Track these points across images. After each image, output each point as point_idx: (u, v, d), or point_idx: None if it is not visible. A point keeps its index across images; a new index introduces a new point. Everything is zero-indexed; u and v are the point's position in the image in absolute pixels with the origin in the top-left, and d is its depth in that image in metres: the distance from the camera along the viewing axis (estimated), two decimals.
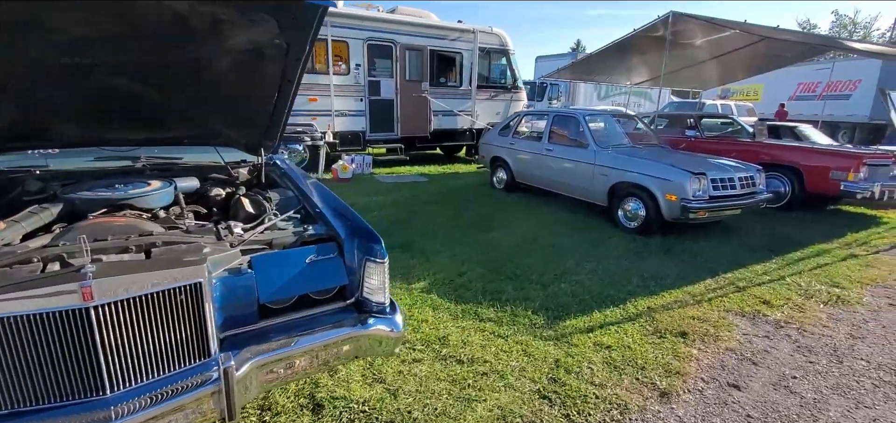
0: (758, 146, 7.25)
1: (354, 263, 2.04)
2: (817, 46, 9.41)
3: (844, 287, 3.93)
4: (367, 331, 1.96)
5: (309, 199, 2.57)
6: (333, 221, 2.20)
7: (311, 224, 2.27)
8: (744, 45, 9.28)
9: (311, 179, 2.98)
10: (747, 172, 5.18)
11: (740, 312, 3.43)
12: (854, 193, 6.14)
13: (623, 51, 9.68)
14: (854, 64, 23.42)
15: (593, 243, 4.96)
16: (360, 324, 1.96)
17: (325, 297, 2.05)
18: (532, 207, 6.48)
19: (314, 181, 2.87)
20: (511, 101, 10.78)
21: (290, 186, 2.91)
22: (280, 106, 2.59)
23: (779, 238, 5.29)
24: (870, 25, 38.68)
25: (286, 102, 2.57)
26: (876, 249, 5.07)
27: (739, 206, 5.00)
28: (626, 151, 5.60)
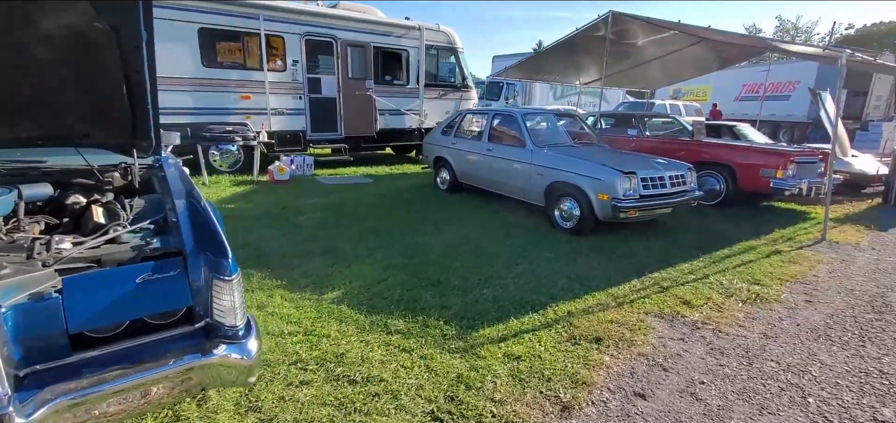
0: (695, 145, 7.37)
1: (201, 281, 1.78)
2: (750, 48, 9.69)
3: (765, 284, 3.95)
4: (210, 360, 1.70)
5: (178, 206, 2.27)
6: (186, 232, 1.92)
7: (163, 236, 1.98)
8: (685, 46, 9.46)
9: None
10: (678, 170, 5.19)
11: (660, 313, 3.36)
12: (783, 190, 6.31)
13: (571, 51, 9.70)
14: (792, 66, 24.65)
15: (527, 244, 4.83)
16: (201, 353, 1.70)
17: (167, 321, 1.78)
18: (473, 209, 6.33)
19: (192, 188, 2.56)
20: (461, 100, 10.62)
21: (168, 191, 2.60)
22: (139, 101, 2.28)
23: (709, 236, 5.34)
24: (810, 30, 41.04)
25: (145, 97, 2.26)
26: (799, 244, 5.18)
27: (670, 204, 5.00)
28: (562, 151, 5.52)
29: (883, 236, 5.66)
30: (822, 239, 5.36)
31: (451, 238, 4.97)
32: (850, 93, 21.75)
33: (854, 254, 4.90)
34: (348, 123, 8.96)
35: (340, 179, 8.18)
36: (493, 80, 18.37)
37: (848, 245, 5.20)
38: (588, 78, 12.44)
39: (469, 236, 5.04)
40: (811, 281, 4.09)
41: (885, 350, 2.94)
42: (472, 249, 4.64)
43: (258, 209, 5.90)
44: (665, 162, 5.36)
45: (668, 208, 5.07)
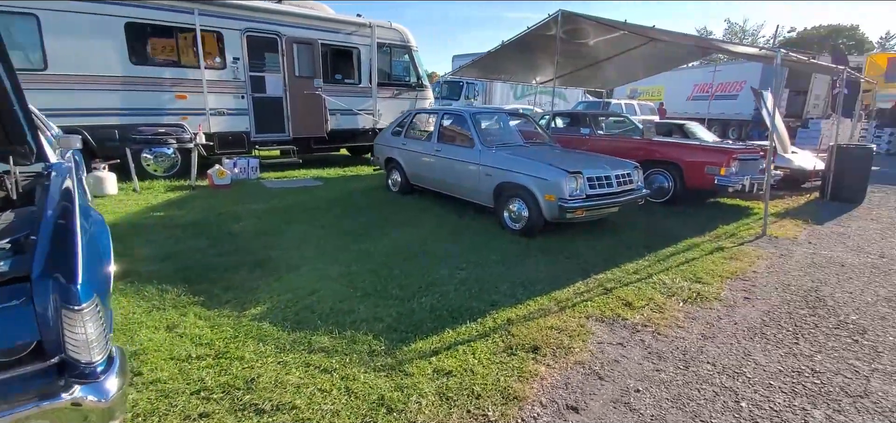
0: (644, 143, 7.45)
1: (50, 310, 1.50)
2: (695, 48, 9.91)
3: (706, 282, 3.94)
4: (55, 405, 1.43)
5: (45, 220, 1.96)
6: (40, 252, 1.63)
7: (16, 258, 1.68)
8: (635, 46, 9.61)
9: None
10: (624, 169, 5.17)
11: (601, 317, 3.27)
12: (727, 187, 6.43)
13: (526, 50, 9.68)
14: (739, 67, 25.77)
15: (474, 247, 4.68)
16: (45, 396, 1.43)
17: (12, 358, 1.49)
18: (423, 211, 6.14)
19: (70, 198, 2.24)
20: (416, 99, 10.41)
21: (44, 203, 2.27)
22: (3, 104, 1.98)
23: (657, 234, 5.35)
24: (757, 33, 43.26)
25: (8, 99, 1.96)
26: (741, 240, 5.27)
27: (617, 203, 4.96)
28: (510, 151, 5.41)
29: (819, 230, 5.84)
30: (763, 234, 5.48)
31: (396, 243, 4.76)
32: (792, 92, 22.95)
33: (792, 248, 5.02)
34: (296, 123, 8.58)
35: (287, 183, 7.80)
36: (448, 79, 18.23)
37: (787, 240, 5.32)
38: (545, 77, 12.49)
39: (415, 240, 4.85)
40: (750, 277, 4.12)
41: (817, 347, 2.94)
42: (417, 254, 4.45)
43: (190, 217, 5.49)
44: (612, 161, 5.33)
45: (615, 208, 5.04)
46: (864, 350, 2.90)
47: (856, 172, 7.55)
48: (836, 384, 2.56)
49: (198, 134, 7.27)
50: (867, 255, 4.83)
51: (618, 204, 4.98)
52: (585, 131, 8.11)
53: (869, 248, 5.08)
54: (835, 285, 3.96)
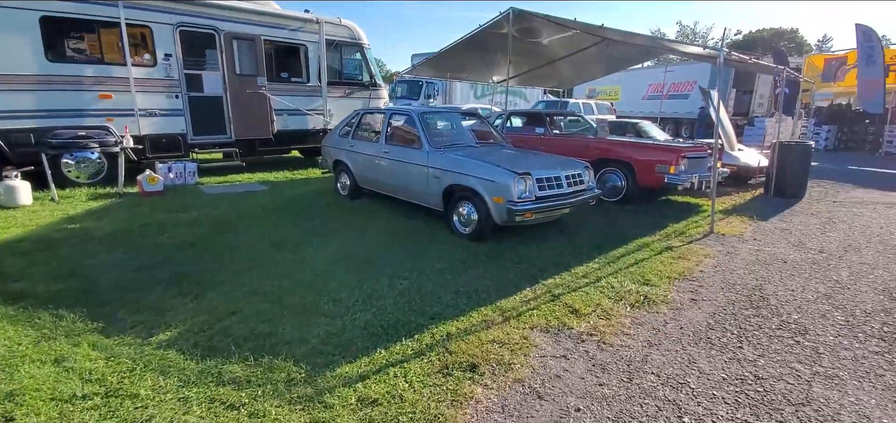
0: (597, 142, 7.43)
1: None
2: (643, 47, 10.01)
3: (654, 284, 3.86)
4: None
5: None
6: None
7: None
8: (589, 45, 9.63)
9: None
10: (575, 169, 5.07)
11: (546, 327, 3.10)
12: (676, 185, 6.48)
13: (481, 49, 9.55)
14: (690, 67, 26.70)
15: (420, 254, 4.45)
16: None
17: None
18: (372, 216, 5.85)
19: None
20: (369, 98, 10.08)
21: None
22: None
23: (608, 234, 5.28)
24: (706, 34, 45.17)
25: None
26: (690, 239, 5.27)
27: (568, 204, 4.85)
28: (459, 152, 5.20)
29: (764, 226, 5.95)
30: (711, 232, 5.51)
31: (337, 251, 4.46)
32: (739, 92, 24.00)
33: (738, 246, 5.05)
34: (239, 124, 8.08)
35: (229, 188, 7.33)
36: (407, 78, 17.95)
37: (733, 237, 5.37)
38: (502, 76, 12.41)
39: (360, 248, 4.57)
40: (697, 278, 4.08)
41: (760, 351, 2.87)
42: (359, 263, 4.17)
43: (110, 228, 5.00)
44: (562, 161, 5.22)
45: (566, 209, 4.92)
46: (806, 352, 2.86)
47: (797, 169, 7.80)
48: (778, 391, 2.48)
49: (124, 136, 6.70)
50: (808, 251, 4.91)
51: (569, 205, 4.86)
52: (540, 131, 8.04)
53: (809, 243, 5.18)
54: (778, 283, 3.97)
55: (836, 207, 7.14)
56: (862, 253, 4.81)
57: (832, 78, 17.67)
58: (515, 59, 11.05)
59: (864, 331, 3.14)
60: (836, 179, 9.99)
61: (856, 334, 3.09)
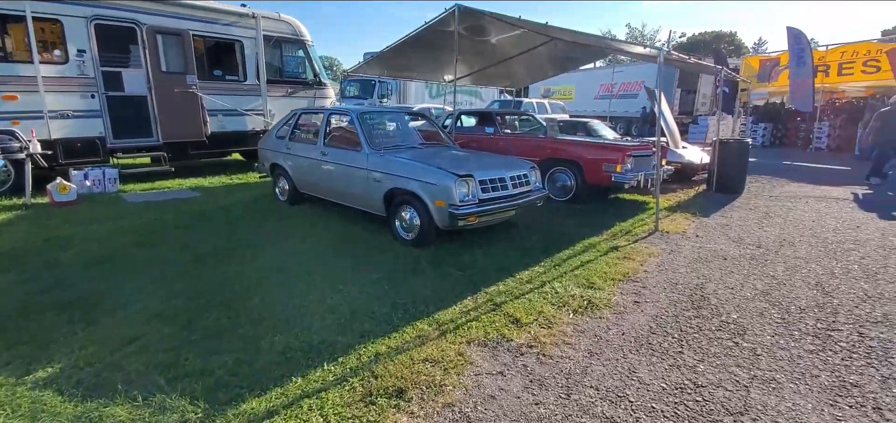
0: (546, 142, 7.37)
1: None
2: (586, 46, 10.07)
3: (598, 287, 3.76)
4: None
5: None
6: None
7: None
8: (538, 45, 9.61)
9: None
10: (520, 170, 4.93)
11: (484, 340, 2.90)
12: (623, 183, 6.50)
13: (430, 47, 9.33)
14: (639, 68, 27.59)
15: (358, 264, 4.16)
16: None
17: None
18: (312, 223, 5.50)
19: None
20: (314, 98, 9.64)
21: None
22: None
23: (555, 236, 5.18)
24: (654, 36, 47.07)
25: None
26: (635, 237, 5.25)
27: (513, 207, 4.69)
28: (400, 154, 4.95)
29: (706, 222, 6.04)
30: (655, 230, 5.53)
31: (268, 264, 4.11)
32: (684, 91, 25.02)
33: (681, 243, 5.07)
34: (166, 125, 7.46)
35: (155, 196, 6.74)
36: (353, 78, 17.50)
37: (676, 235, 5.40)
38: (452, 75, 12.23)
39: (293, 259, 4.23)
40: (641, 278, 4.01)
41: (700, 356, 2.79)
42: (290, 276, 3.84)
43: (9, 245, 4.42)
44: (508, 162, 5.07)
45: (511, 211, 4.76)
46: (745, 355, 2.80)
47: (736, 165, 8.06)
48: (717, 399, 2.38)
49: (31, 141, 6.00)
50: (746, 246, 4.99)
51: (515, 207, 4.71)
52: (490, 131, 7.90)
53: (748, 239, 5.28)
54: (718, 281, 3.96)
55: (773, 201, 7.40)
56: (796, 247, 4.93)
57: (767, 78, 18.68)
58: (465, 57, 10.95)
59: (799, 329, 3.13)
60: (772, 173, 10.46)
61: (791, 332, 3.08)
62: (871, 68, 15.46)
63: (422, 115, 6.73)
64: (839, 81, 16.64)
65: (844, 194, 7.92)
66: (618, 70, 29.09)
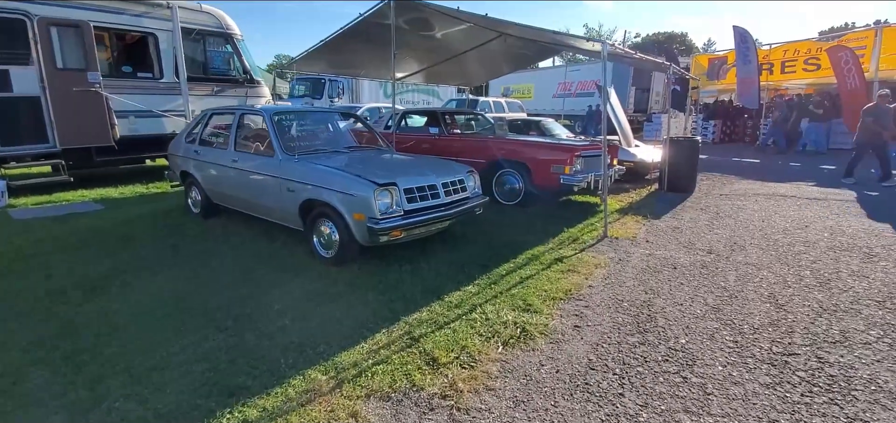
0: (492, 142, 6.93)
1: None
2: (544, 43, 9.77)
3: (535, 310, 3.29)
4: None
5: None
6: None
7: None
8: (488, 40, 9.17)
9: None
10: (455, 176, 4.43)
11: (388, 393, 2.36)
12: (571, 186, 6.13)
13: (373, 43, 8.73)
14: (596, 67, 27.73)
15: (261, 291, 3.54)
16: None
17: None
18: (224, 241, 4.82)
19: None
20: (246, 97, 8.85)
21: None
22: None
23: (498, 246, 4.71)
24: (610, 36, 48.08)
25: None
26: (583, 245, 4.86)
27: (447, 217, 4.17)
28: (318, 160, 4.34)
29: (657, 225, 5.74)
30: (604, 236, 5.16)
31: (148, 297, 3.42)
32: (638, 90, 25.38)
33: (630, 251, 4.71)
34: (64, 129, 6.53)
35: (49, 210, 5.83)
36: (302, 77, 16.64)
37: (626, 241, 5.04)
38: (402, 73, 11.66)
39: (188, 287, 3.56)
40: (585, 296, 3.59)
41: (643, 399, 2.35)
42: (169, 313, 3.18)
43: None
44: (442, 166, 4.56)
45: (445, 222, 4.24)
46: (694, 394, 2.38)
47: (686, 164, 7.88)
48: None
49: None
50: (697, 252, 4.68)
51: (448, 218, 4.19)
52: (435, 131, 7.38)
53: (699, 243, 4.98)
54: (667, 296, 3.58)
55: (723, 200, 7.24)
56: (747, 252, 4.66)
57: (716, 76, 19.09)
58: (415, 53, 10.39)
59: (753, 354, 2.76)
60: (722, 170, 10.45)
61: (745, 360, 2.70)
62: (812, 66, 15.98)
63: (353, 115, 6.12)
64: (783, 78, 17.16)
65: (791, 191, 7.88)
66: (574, 69, 29.27)
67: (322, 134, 5.22)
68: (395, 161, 4.56)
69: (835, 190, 7.88)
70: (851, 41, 14.62)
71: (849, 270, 4.09)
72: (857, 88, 13.40)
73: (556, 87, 28.68)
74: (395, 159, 4.70)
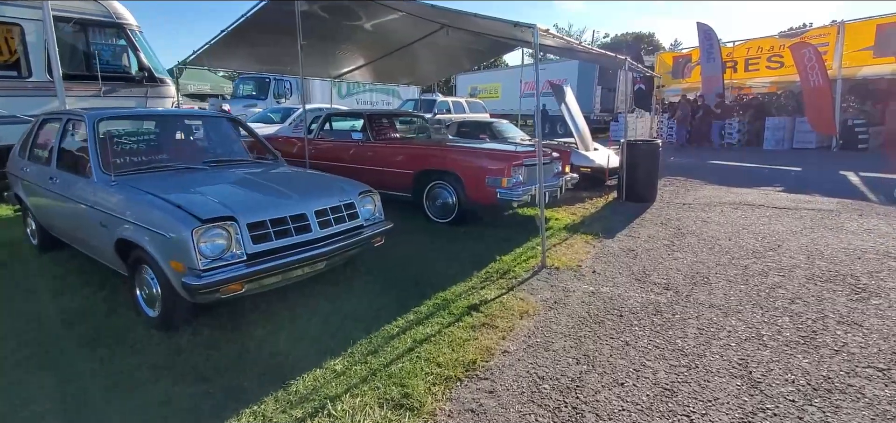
0: (420, 149, 5.92)
1: None
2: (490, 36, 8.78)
3: (415, 403, 2.27)
4: None
5: None
6: None
7: None
8: (430, 33, 8.15)
9: None
10: (339, 199, 3.37)
11: None
12: (511, 202, 5.17)
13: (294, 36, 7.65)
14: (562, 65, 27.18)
15: (70, 365, 2.42)
16: None
17: None
18: (48, 286, 3.66)
19: None
20: (146, 98, 7.59)
21: None
22: None
23: (406, 284, 3.70)
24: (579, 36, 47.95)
25: None
26: (513, 281, 3.88)
27: (319, 257, 3.09)
28: (149, 182, 3.21)
29: (608, 247, 4.84)
30: (542, 267, 4.20)
31: None
32: (604, 89, 24.86)
33: (571, 287, 3.76)
34: None
35: None
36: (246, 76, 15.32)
37: (568, 272, 4.10)
38: (340, 70, 10.53)
39: None
40: (493, 372, 2.59)
41: None
42: None
43: None
44: (316, 188, 3.50)
45: (318, 264, 3.16)
46: None
47: (646, 170, 7.05)
48: None
49: None
50: (651, 287, 3.77)
51: (324, 257, 3.13)
52: (358, 137, 6.30)
53: (655, 273, 4.08)
54: (605, 368, 2.62)
55: (686, 211, 6.43)
56: (712, 286, 3.77)
57: (681, 74, 18.63)
58: (352, 48, 9.32)
59: None
60: (686, 173, 9.73)
61: None
62: (776, 64, 15.61)
63: (233, 119, 4.96)
64: (747, 76, 16.77)
65: (759, 198, 7.15)
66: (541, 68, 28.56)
67: (175, 145, 4.08)
68: (255, 185, 3.44)
69: (804, 197, 7.19)
70: (813, 38, 14.25)
71: (836, 313, 3.24)
72: (820, 85, 12.98)
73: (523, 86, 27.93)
74: (263, 179, 3.59)
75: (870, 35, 13.31)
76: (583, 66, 24.50)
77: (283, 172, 3.93)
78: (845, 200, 6.80)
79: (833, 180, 8.68)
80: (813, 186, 7.95)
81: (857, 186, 8.05)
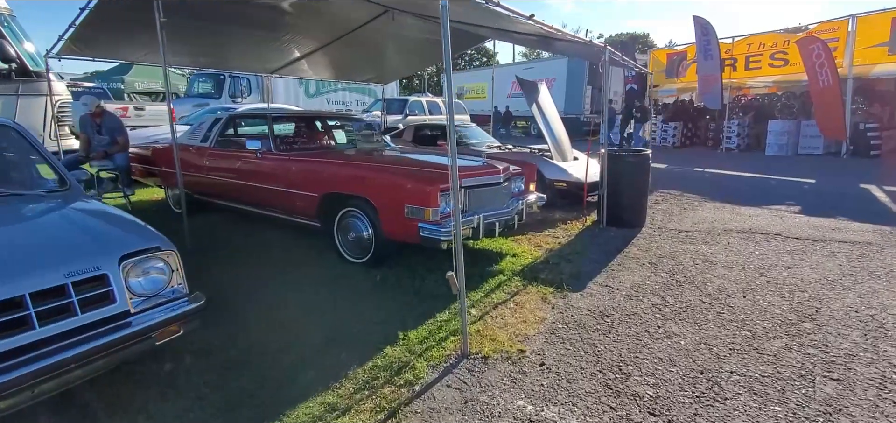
0: (326, 165, 4.45)
1: None
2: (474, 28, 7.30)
3: None
4: None
5: None
6: None
7: None
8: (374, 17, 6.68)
9: None
10: (80, 266, 1.89)
11: None
12: (437, 241, 3.68)
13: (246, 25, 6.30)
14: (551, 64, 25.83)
15: None
16: None
17: None
18: None
19: None
20: (17, 96, 6.10)
21: None
22: None
23: (236, 396, 2.23)
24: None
25: None
26: (399, 396, 2.42)
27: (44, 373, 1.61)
28: None
29: (572, 308, 3.39)
30: (462, 357, 2.74)
31: None
32: (595, 90, 23.47)
33: (494, 405, 2.30)
34: None
35: None
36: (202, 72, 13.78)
37: (501, 365, 2.64)
38: (281, 63, 9.03)
39: None
40: None
41: None
42: None
43: None
44: (75, 243, 2.02)
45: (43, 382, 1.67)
46: None
47: (632, 188, 5.61)
48: None
49: None
50: (629, 409, 2.31)
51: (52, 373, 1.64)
52: (256, 146, 4.78)
53: (637, 372, 2.63)
54: None
55: (682, 243, 4.99)
56: (723, 389, 2.33)
57: (675, 73, 17.25)
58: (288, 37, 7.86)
59: None
60: (682, 186, 8.32)
61: None
62: (780, 61, 14.24)
63: (13, 127, 3.45)
64: (747, 75, 15.40)
65: (772, 222, 5.74)
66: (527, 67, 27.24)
67: None
68: None
69: (829, 221, 5.78)
70: (823, 33, 12.89)
71: None
72: (830, 85, 11.62)
73: (511, 85, 26.53)
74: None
75: (885, 29, 11.96)
76: (572, 64, 23.12)
77: (27, 211, 2.43)
78: (883, 228, 5.39)
79: (856, 197, 7.30)
80: (835, 206, 6.54)
81: (888, 207, 6.66)
